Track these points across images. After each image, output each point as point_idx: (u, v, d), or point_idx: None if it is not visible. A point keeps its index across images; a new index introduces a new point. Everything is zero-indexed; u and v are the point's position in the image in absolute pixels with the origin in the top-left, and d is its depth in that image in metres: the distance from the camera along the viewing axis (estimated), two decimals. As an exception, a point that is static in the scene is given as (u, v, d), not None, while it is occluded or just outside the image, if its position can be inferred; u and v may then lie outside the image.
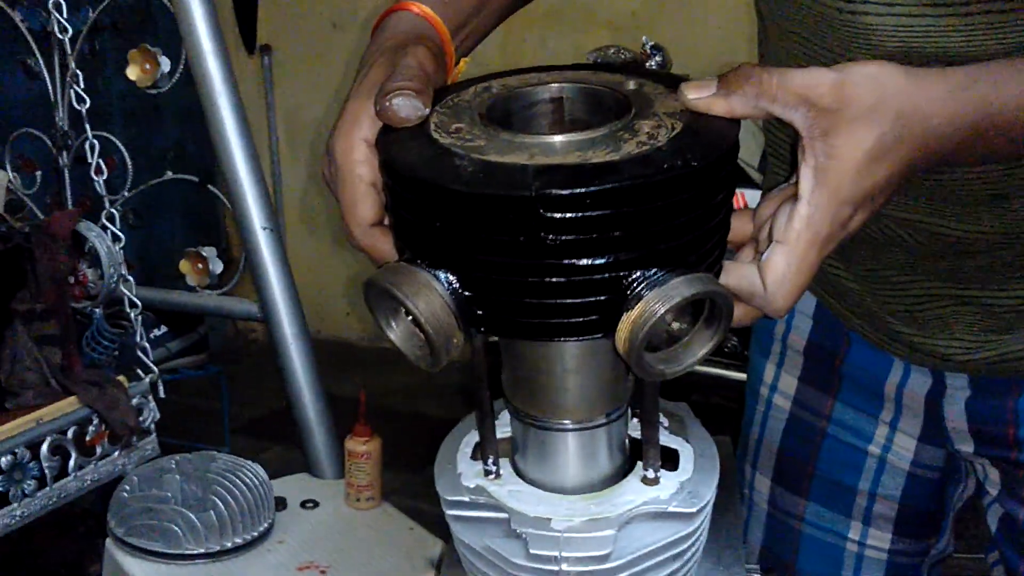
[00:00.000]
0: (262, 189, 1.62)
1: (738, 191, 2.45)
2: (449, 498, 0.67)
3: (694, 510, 0.64)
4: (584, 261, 0.53)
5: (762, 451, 1.09)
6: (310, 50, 3.50)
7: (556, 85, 0.64)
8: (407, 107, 0.59)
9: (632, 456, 0.68)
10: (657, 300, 0.53)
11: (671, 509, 0.64)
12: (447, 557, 0.73)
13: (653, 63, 2.52)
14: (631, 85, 0.63)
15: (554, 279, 0.53)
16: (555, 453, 0.66)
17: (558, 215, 0.51)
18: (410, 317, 0.57)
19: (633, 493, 0.65)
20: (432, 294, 0.55)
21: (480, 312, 0.56)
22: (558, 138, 0.56)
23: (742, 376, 2.39)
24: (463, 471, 0.68)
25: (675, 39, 2.62)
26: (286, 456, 2.41)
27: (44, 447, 1.50)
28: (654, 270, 0.54)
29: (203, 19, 1.58)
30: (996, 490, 0.94)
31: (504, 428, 0.70)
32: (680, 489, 0.65)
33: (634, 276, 0.54)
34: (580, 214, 0.52)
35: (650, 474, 0.66)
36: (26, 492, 1.47)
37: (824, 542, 1.06)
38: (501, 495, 0.66)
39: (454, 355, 0.57)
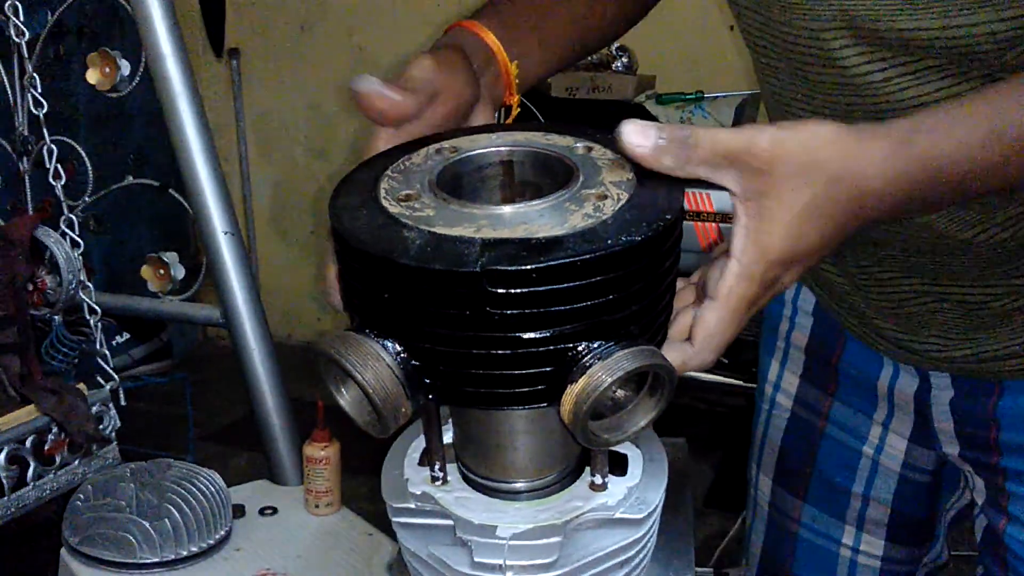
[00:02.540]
0: (223, 193, 1.61)
1: (704, 192, 2.46)
2: (395, 505, 0.66)
3: (641, 516, 0.64)
4: (529, 334, 0.54)
5: (765, 450, 1.10)
6: (279, 53, 3.48)
7: (506, 149, 0.65)
8: (375, 94, 0.62)
9: (580, 461, 0.68)
10: (602, 372, 0.54)
11: (618, 516, 0.64)
12: (396, 564, 0.72)
13: (619, 64, 2.53)
14: (580, 149, 0.64)
15: (500, 351, 0.54)
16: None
17: (504, 290, 0.53)
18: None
19: (580, 499, 0.65)
20: (380, 364, 0.56)
21: (428, 381, 0.57)
22: (506, 209, 0.57)
23: (712, 378, 2.40)
24: (410, 476, 0.68)
25: (641, 40, 2.62)
26: (254, 463, 2.39)
27: (1, 456, 1.47)
28: (599, 342, 0.55)
29: (162, 21, 1.56)
30: (982, 499, 0.94)
31: (451, 432, 0.69)
32: (628, 495, 0.65)
33: (579, 348, 0.55)
34: (526, 289, 0.53)
35: (597, 480, 0.66)
36: (-17, 503, 1.45)
37: (818, 546, 1.06)
38: (447, 502, 0.65)
39: (403, 422, 0.58)
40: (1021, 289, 0.82)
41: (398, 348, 0.56)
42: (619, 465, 0.68)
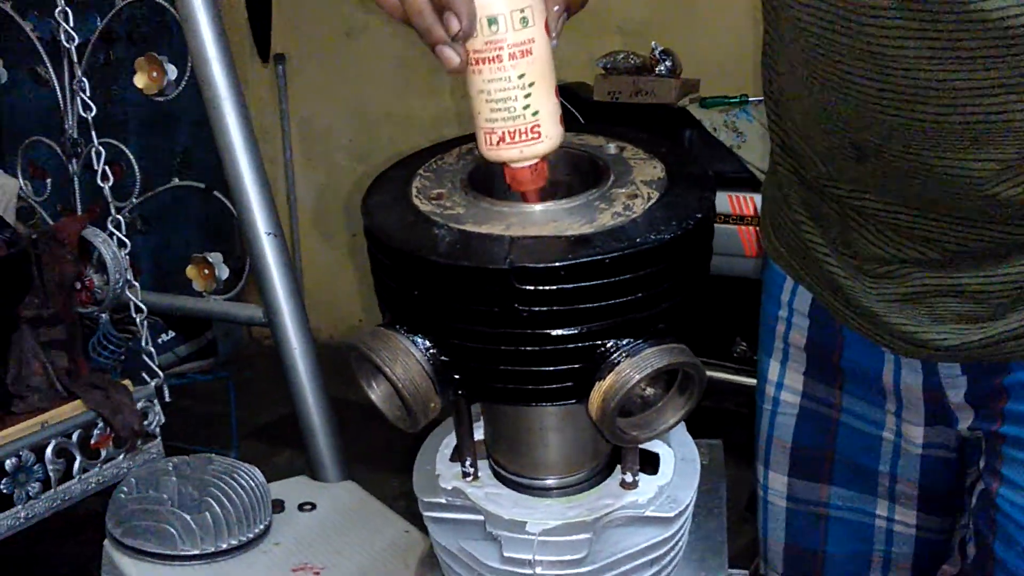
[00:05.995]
0: (267, 195, 1.63)
1: (747, 196, 2.42)
2: (426, 499, 0.67)
3: (672, 515, 0.64)
4: (558, 331, 0.54)
5: (773, 449, 1.10)
6: (324, 58, 3.52)
7: None
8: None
9: (611, 458, 0.68)
10: (630, 369, 0.54)
11: (648, 514, 0.64)
12: (428, 558, 0.73)
13: (662, 68, 2.52)
14: (612, 149, 0.64)
15: (528, 348, 0.55)
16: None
17: (531, 287, 0.53)
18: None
19: (611, 497, 0.65)
20: (410, 360, 0.56)
21: (457, 377, 0.58)
22: (535, 207, 0.58)
23: (754, 381, 2.37)
24: (441, 472, 0.68)
25: (684, 44, 2.61)
26: (296, 460, 2.41)
27: (49, 450, 1.51)
28: (627, 339, 0.55)
29: (207, 25, 1.59)
30: (982, 465, 0.94)
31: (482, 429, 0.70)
32: (659, 493, 0.65)
33: (607, 345, 0.55)
34: (554, 286, 0.53)
35: (628, 478, 0.66)
36: (30, 495, 1.49)
37: (853, 522, 1.06)
38: (478, 497, 0.66)
39: (432, 417, 0.59)
40: None
41: (428, 344, 0.57)
42: (651, 463, 0.68)
